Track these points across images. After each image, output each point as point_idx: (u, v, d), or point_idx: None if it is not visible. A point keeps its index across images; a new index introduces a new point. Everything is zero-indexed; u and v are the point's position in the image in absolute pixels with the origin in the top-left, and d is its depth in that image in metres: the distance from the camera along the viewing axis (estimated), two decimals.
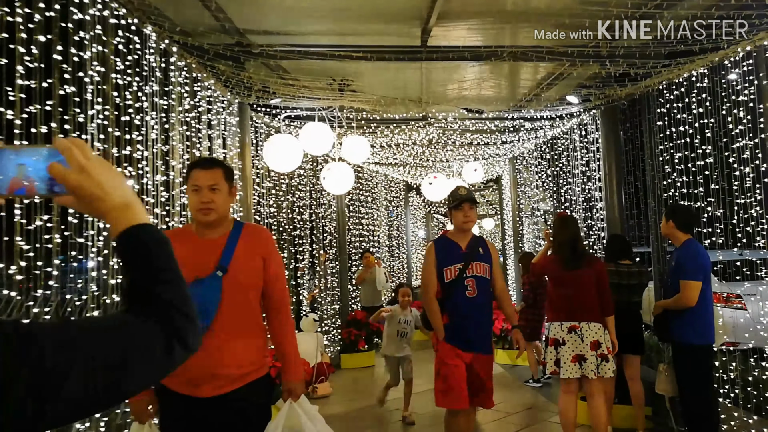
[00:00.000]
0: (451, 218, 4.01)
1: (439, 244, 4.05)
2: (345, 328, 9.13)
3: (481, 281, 3.89)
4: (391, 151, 8.39)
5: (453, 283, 3.85)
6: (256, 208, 6.39)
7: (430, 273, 3.95)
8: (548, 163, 7.93)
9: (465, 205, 3.91)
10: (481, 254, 3.95)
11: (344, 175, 5.82)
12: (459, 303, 3.84)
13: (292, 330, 2.74)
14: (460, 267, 3.87)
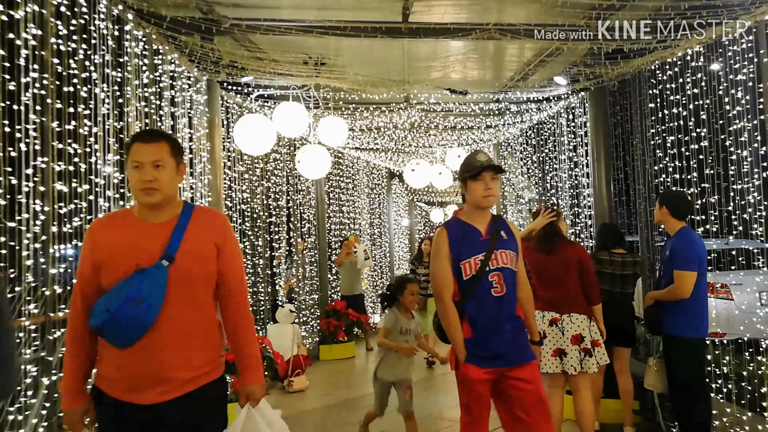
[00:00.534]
0: (466, 193, 3.02)
1: (452, 230, 2.99)
2: (324, 319, 8.84)
3: (508, 274, 2.94)
4: (371, 135, 8.05)
5: (474, 281, 2.88)
6: (227, 193, 6.04)
7: (444, 269, 2.93)
8: (534, 149, 7.67)
9: (486, 175, 2.91)
10: (504, 239, 2.98)
11: (320, 159, 5.48)
12: (483, 306, 2.89)
13: (251, 326, 2.42)
14: (481, 258, 2.89)
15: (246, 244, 6.47)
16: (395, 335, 4.34)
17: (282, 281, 7.69)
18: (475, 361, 2.88)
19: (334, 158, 10.01)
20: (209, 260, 2.28)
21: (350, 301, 9.25)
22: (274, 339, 6.74)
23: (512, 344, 2.93)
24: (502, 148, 9.24)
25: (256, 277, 6.79)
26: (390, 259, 12.96)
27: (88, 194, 3.29)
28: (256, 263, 6.78)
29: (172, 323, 2.15)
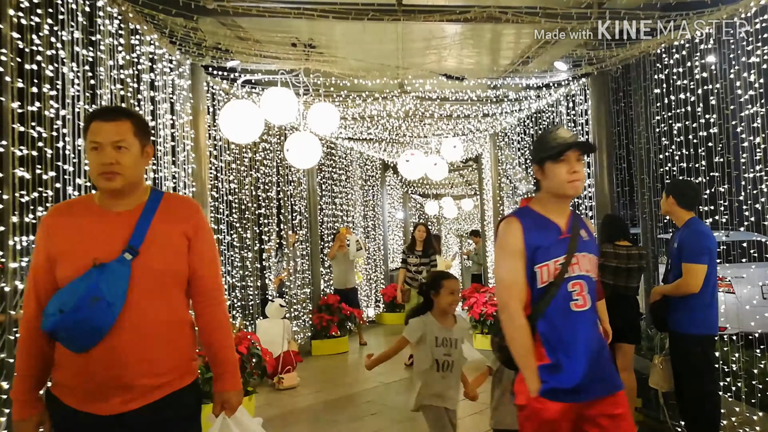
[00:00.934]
0: (543, 178, 2.34)
1: (527, 222, 2.31)
2: (316, 313, 8.61)
3: (590, 285, 2.33)
4: (364, 124, 7.79)
5: (550, 290, 2.25)
6: (213, 183, 5.78)
7: (514, 270, 2.26)
8: (532, 138, 7.44)
9: (571, 155, 2.26)
10: (585, 240, 2.36)
11: (310, 148, 5.24)
12: (560, 322, 2.24)
13: (227, 326, 2.19)
14: (562, 262, 2.27)
15: (234, 236, 6.23)
16: (427, 348, 3.25)
17: (272, 275, 7.45)
18: (553, 395, 2.20)
19: (326, 148, 9.76)
20: (178, 253, 2.04)
21: (343, 295, 9.03)
22: (264, 335, 6.50)
23: (597, 371, 2.26)
24: (498, 138, 9.01)
25: (245, 270, 6.55)
26: (384, 251, 12.73)
27: (55, 182, 3.04)
28: (245, 256, 6.54)
29: (136, 324, 1.92)
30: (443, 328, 3.28)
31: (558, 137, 2.32)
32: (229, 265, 6.06)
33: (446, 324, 3.31)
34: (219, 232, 5.83)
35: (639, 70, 5.00)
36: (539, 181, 2.38)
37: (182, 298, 2.08)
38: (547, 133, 2.41)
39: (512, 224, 2.32)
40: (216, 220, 5.79)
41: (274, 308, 6.62)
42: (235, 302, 6.24)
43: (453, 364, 3.27)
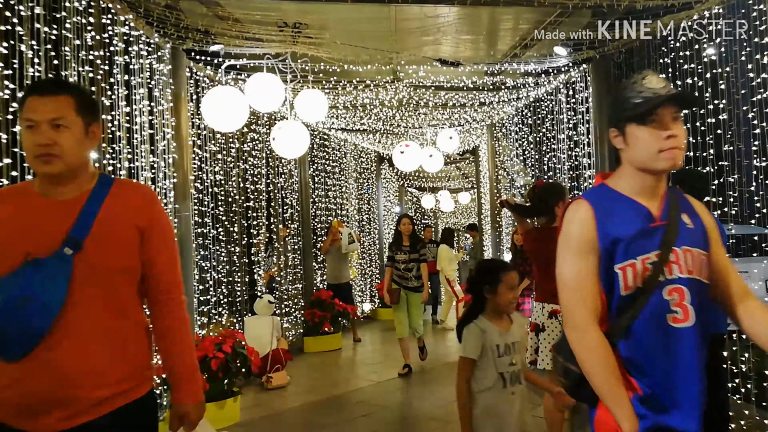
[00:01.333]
0: (625, 146, 1.69)
1: (600, 206, 1.68)
2: (308, 309, 8.38)
3: (697, 290, 1.64)
4: (356, 114, 7.53)
5: (638, 298, 1.62)
6: (197, 174, 5.53)
7: (585, 273, 1.66)
8: (530, 128, 7.20)
9: (665, 114, 1.61)
10: (690, 229, 1.69)
11: (298, 137, 4.98)
12: (653, 343, 1.61)
13: (187, 331, 1.94)
14: (654, 260, 1.62)
15: (220, 230, 5.98)
16: (489, 362, 2.59)
17: (262, 270, 7.22)
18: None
19: (318, 140, 9.50)
20: (129, 247, 1.79)
21: (336, 290, 8.80)
22: (252, 332, 6.28)
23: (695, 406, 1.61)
24: (496, 129, 8.76)
25: (232, 266, 6.30)
26: (379, 246, 12.49)
27: (11, 169, 2.78)
28: (232, 251, 6.29)
29: (78, 329, 1.67)
30: (502, 332, 2.62)
31: (645, 88, 1.64)
32: (215, 260, 5.82)
33: (504, 326, 2.65)
34: (203, 225, 5.59)
35: (643, 54, 4.76)
36: (619, 151, 1.73)
37: (134, 298, 1.84)
38: (629, 83, 1.69)
39: (580, 209, 1.69)
40: (200, 213, 5.54)
41: (262, 305, 6.38)
42: (221, 299, 6.00)
43: (519, 374, 2.64)
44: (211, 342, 4.93)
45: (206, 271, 5.63)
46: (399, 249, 6.54)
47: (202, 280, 5.54)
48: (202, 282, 5.54)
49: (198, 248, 5.47)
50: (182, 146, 5.05)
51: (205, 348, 4.85)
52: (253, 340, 6.23)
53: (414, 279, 6.50)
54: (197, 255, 5.43)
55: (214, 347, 4.87)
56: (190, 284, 5.07)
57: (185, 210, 5.03)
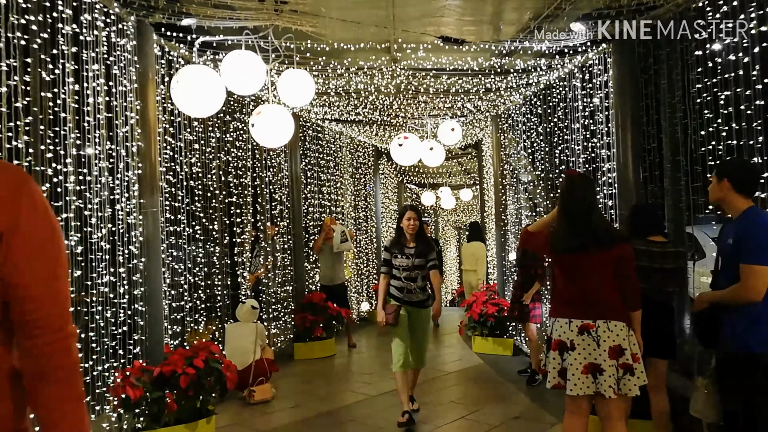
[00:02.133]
0: None
1: None
2: (299, 313, 7.81)
3: None
4: (350, 102, 6.93)
5: None
6: (169, 165, 4.94)
7: None
8: (540, 118, 6.60)
9: None
10: None
11: (280, 122, 4.39)
12: None
13: (69, 372, 1.32)
14: None
15: (197, 228, 5.39)
16: None
17: (246, 272, 6.63)
18: None
19: (312, 132, 8.90)
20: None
21: (330, 292, 8.22)
22: (233, 341, 5.70)
23: None
24: (501, 120, 8.15)
25: (211, 267, 5.72)
26: (377, 244, 11.91)
27: None
28: (211, 251, 5.71)
29: None
30: None
31: None
32: (191, 261, 5.23)
33: None
34: (176, 222, 5.00)
35: (675, 27, 4.15)
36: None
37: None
38: None
39: None
40: (173, 209, 4.95)
41: (245, 310, 5.80)
42: (198, 304, 5.41)
43: None
44: (180, 355, 4.35)
45: (180, 274, 5.04)
46: (400, 251, 4.84)
47: (175, 284, 4.95)
48: (175, 286, 4.95)
49: (170, 248, 4.88)
50: (149, 133, 4.46)
51: (173, 362, 4.27)
52: (234, 350, 5.67)
53: (419, 291, 4.83)
54: (168, 256, 4.84)
55: (183, 361, 4.29)
56: (159, 289, 4.49)
57: (153, 206, 4.45)
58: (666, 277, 3.86)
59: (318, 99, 6.69)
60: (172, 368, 4.24)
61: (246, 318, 5.80)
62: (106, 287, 3.81)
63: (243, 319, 5.80)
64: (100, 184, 3.83)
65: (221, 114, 5.99)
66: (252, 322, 5.82)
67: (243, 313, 5.80)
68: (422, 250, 4.83)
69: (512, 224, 7.92)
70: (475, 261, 8.96)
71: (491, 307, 7.85)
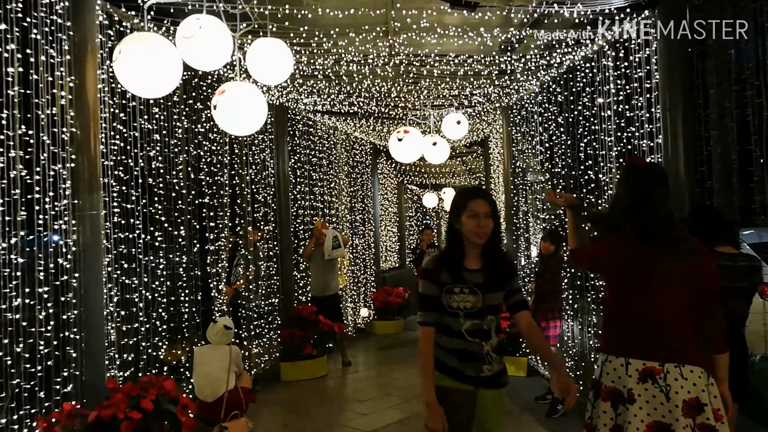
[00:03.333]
0: None
1: None
2: (286, 329, 6.94)
3: None
4: (341, 88, 6.07)
5: None
6: (119, 159, 4.07)
7: None
8: (560, 107, 5.73)
9: None
10: None
11: (249, 104, 3.51)
12: None
13: None
14: None
15: (156, 234, 4.52)
16: None
17: (222, 284, 5.75)
18: None
19: (302, 126, 8.04)
20: None
21: (321, 304, 7.37)
22: (203, 367, 4.82)
23: None
24: (513, 112, 7.27)
25: (176, 280, 4.85)
26: (376, 250, 11.03)
27: None
28: (175, 261, 4.84)
29: None
30: None
31: None
32: (148, 274, 4.36)
33: None
34: (129, 228, 4.13)
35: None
36: None
37: None
38: None
39: None
40: (123, 212, 4.08)
41: (217, 331, 4.92)
42: (158, 325, 4.54)
43: None
44: (124, 394, 3.48)
45: (133, 290, 4.17)
46: (457, 278, 2.51)
47: (126, 303, 4.09)
48: (126, 305, 4.08)
49: (119, 259, 4.01)
50: (88, 118, 3.60)
51: (114, 404, 3.40)
52: (203, 378, 4.79)
53: (493, 357, 2.55)
54: (117, 268, 3.98)
55: (127, 403, 3.43)
56: (99, 310, 3.63)
57: (91, 207, 3.58)
58: (737, 297, 3.02)
59: (304, 85, 5.83)
60: (112, 412, 3.37)
61: (218, 340, 4.92)
62: (17, 313, 2.95)
63: (215, 342, 4.92)
64: (8, 179, 2.97)
65: (190, 101, 5.13)
66: (226, 344, 4.94)
67: (215, 335, 4.92)
68: (497, 275, 2.55)
69: (525, 228, 7.05)
70: None
71: (503, 321, 6.97)
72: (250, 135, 6.41)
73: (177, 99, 4.90)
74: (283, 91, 6.19)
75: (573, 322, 5.76)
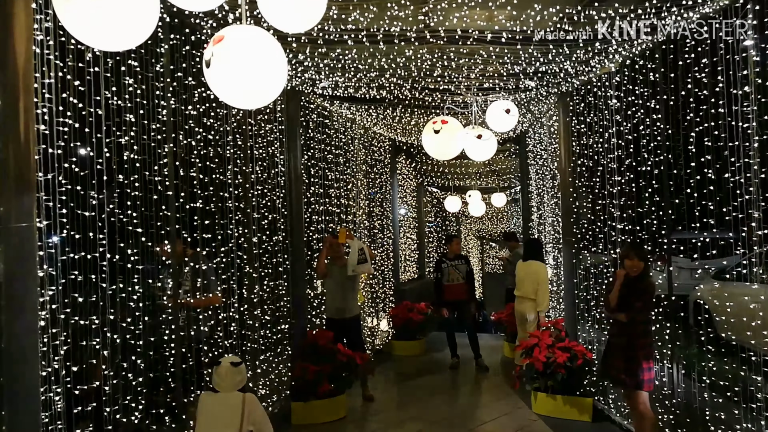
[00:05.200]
0: None
1: None
2: (298, 361, 5.70)
3: None
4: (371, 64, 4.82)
5: None
6: (71, 147, 2.84)
7: None
8: (652, 89, 4.48)
9: None
10: None
11: (258, 58, 2.27)
12: None
13: None
14: None
15: (129, 253, 3.29)
16: None
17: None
18: None
19: (316, 117, 6.81)
20: None
21: (340, 329, 6.15)
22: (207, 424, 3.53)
23: None
24: (575, 98, 6.01)
25: (158, 315, 3.61)
26: (395, 260, 9.79)
27: None
28: (157, 288, 3.61)
29: None
30: None
31: None
32: (115, 308, 3.12)
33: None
34: (85, 245, 2.90)
35: None
36: None
37: None
38: None
39: None
40: (77, 223, 2.85)
41: (223, 373, 3.60)
42: (130, 379, 3.29)
43: None
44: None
45: (92, 333, 2.94)
46: None
47: (80, 354, 2.86)
48: (79, 357, 2.85)
49: (69, 291, 2.78)
50: (15, 85, 2.38)
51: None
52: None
53: None
54: (66, 305, 2.75)
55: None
56: (32, 372, 2.40)
57: (20, 218, 2.36)
58: None
59: (329, 56, 4.58)
60: None
61: (229, 383, 3.60)
62: None
63: (224, 387, 3.61)
64: None
65: (179, 74, 3.90)
66: (238, 389, 3.65)
67: (223, 378, 3.60)
68: None
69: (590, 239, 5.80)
70: (534, 287, 6.83)
71: (560, 353, 5.73)
72: (256, 121, 5.18)
73: (161, 69, 3.66)
74: (298, 68, 4.94)
75: (672, 363, 4.53)
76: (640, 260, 4.37)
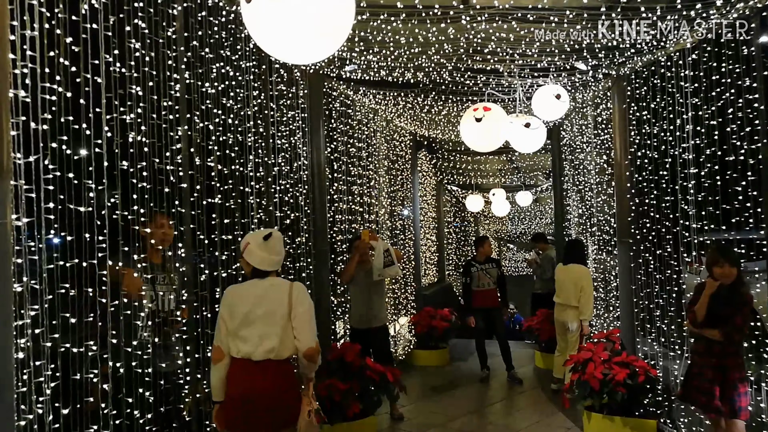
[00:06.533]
0: None
1: None
2: (324, 379, 5.04)
3: None
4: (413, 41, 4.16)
5: None
6: (61, 123, 2.19)
7: None
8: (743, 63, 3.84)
9: None
10: None
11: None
12: None
13: None
14: None
15: (128, 249, 2.64)
16: None
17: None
18: None
19: (339, 105, 6.17)
20: None
21: (366, 340, 5.52)
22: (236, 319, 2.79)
23: None
24: (636, 82, 5.34)
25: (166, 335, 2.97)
26: (416, 263, 9.13)
27: None
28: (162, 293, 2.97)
29: None
30: None
31: None
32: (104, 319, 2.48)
33: None
34: (77, 248, 2.25)
35: None
36: None
37: None
38: None
39: None
40: (64, 218, 2.21)
41: (274, 243, 2.72)
42: (131, 408, 2.64)
43: None
44: None
45: (80, 362, 2.28)
46: None
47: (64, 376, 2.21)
48: (68, 401, 2.20)
49: (56, 302, 2.14)
50: None
51: None
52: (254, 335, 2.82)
53: None
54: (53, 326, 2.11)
55: None
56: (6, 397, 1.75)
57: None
58: None
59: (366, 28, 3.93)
60: None
61: (274, 259, 2.82)
62: None
63: (272, 262, 2.80)
64: None
65: (194, 42, 3.26)
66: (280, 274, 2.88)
67: (272, 248, 2.76)
68: None
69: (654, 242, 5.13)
70: (576, 293, 6.17)
71: (619, 369, 5.07)
72: (278, 106, 4.54)
73: (173, 36, 3.02)
74: None
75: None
76: (731, 266, 3.72)
